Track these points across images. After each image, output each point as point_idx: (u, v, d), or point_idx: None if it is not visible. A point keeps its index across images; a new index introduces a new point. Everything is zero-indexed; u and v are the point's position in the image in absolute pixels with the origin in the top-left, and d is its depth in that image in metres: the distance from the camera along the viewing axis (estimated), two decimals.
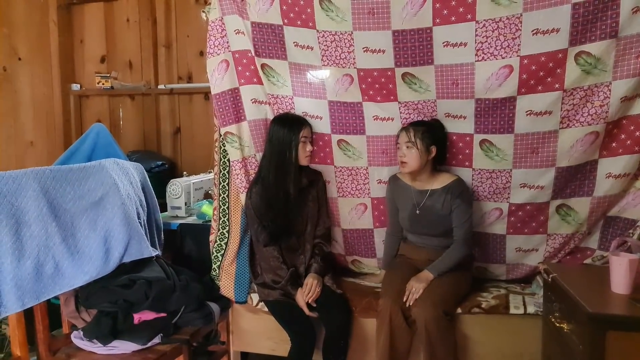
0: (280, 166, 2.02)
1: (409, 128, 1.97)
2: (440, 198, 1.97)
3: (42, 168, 1.81)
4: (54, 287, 1.75)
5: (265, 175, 2.06)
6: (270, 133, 2.08)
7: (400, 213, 2.08)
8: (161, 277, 1.98)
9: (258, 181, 2.08)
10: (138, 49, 3.44)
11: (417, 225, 2.05)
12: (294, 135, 2.02)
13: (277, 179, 2.03)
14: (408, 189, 2.05)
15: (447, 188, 1.97)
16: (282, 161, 2.02)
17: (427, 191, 2.00)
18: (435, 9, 1.82)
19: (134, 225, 2.00)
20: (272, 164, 2.04)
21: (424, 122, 1.99)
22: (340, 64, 2.00)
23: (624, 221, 1.94)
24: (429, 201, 1.99)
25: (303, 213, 2.11)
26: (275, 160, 2.03)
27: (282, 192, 2.03)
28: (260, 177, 2.07)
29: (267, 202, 2.03)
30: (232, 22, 2.08)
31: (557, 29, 1.72)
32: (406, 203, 2.05)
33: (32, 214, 1.73)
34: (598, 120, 1.80)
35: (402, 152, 1.97)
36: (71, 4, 3.56)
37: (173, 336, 1.92)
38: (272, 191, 2.03)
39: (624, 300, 1.46)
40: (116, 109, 3.55)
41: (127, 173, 2.13)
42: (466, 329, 1.93)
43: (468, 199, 1.99)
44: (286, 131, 2.03)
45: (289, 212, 2.05)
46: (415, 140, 1.93)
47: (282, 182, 2.03)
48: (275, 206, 2.03)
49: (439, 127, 1.99)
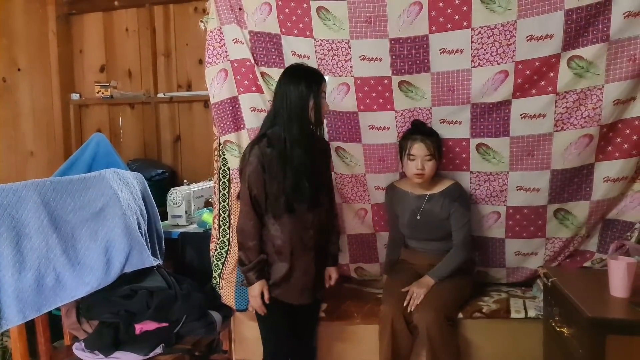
0: (299, 123, 1.69)
1: (425, 140, 1.92)
2: (439, 202, 1.98)
3: (42, 180, 1.82)
4: (55, 299, 1.76)
5: (277, 133, 1.70)
6: (281, 87, 1.73)
7: (400, 220, 2.09)
8: (163, 286, 1.98)
9: (262, 140, 1.72)
10: (137, 58, 3.46)
11: (418, 230, 2.05)
12: (314, 89, 1.69)
13: (296, 136, 1.68)
14: (406, 196, 2.05)
15: (445, 192, 1.98)
16: (300, 117, 1.69)
17: (426, 196, 2.01)
18: (432, 16, 1.84)
19: (135, 235, 2.01)
20: (288, 120, 1.68)
21: (430, 131, 1.98)
22: (337, 72, 2.01)
23: (622, 224, 1.94)
24: (428, 205, 2.00)
25: (320, 180, 1.81)
26: (293, 116, 1.68)
27: (302, 151, 1.68)
28: (267, 137, 1.72)
29: (283, 162, 1.68)
30: (230, 32, 2.09)
31: (550, 34, 1.74)
32: (405, 210, 2.06)
33: (32, 226, 1.74)
34: (591, 123, 1.82)
35: (419, 165, 1.93)
36: (70, 14, 3.58)
37: (175, 346, 1.93)
38: (289, 151, 1.68)
39: (623, 304, 1.46)
40: (116, 118, 3.56)
41: (128, 183, 2.14)
42: (468, 334, 1.93)
43: (466, 203, 2.00)
44: (304, 85, 1.69)
45: (310, 176, 1.71)
46: (434, 152, 1.94)
47: (303, 142, 1.68)
48: (296, 169, 1.68)
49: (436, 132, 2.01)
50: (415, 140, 1.95)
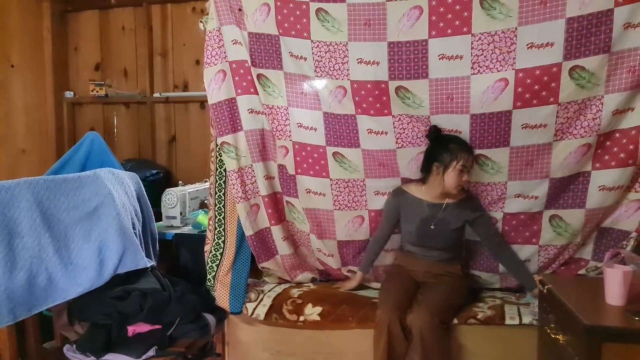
0: None
1: (472, 152, 1.94)
2: (455, 211, 1.99)
3: (35, 178, 1.80)
4: (46, 299, 1.73)
5: None
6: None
7: (406, 226, 2.07)
8: (156, 288, 1.96)
9: None
10: (133, 57, 3.44)
11: (426, 239, 2.04)
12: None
13: None
14: (420, 203, 2.02)
15: (464, 202, 1.99)
16: None
17: (442, 205, 2.00)
18: (432, 21, 1.84)
19: (129, 235, 1.98)
20: None
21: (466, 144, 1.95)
22: (334, 75, 2.00)
23: (617, 232, 1.95)
24: (444, 214, 1.99)
25: None
26: None
27: None
28: None
29: None
30: (229, 33, 2.08)
31: (551, 43, 1.74)
32: (415, 217, 2.03)
33: (25, 224, 1.72)
34: (591, 132, 1.83)
35: (465, 177, 1.93)
36: (66, 11, 3.55)
37: (168, 349, 1.90)
38: None
39: (619, 312, 1.46)
40: (111, 117, 3.53)
41: (123, 182, 2.12)
42: (462, 340, 1.93)
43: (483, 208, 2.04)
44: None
45: None
46: None
47: None
48: None
49: None
50: (469, 153, 1.92)
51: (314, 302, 2.09)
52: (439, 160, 1.93)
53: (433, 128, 1.97)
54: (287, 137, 2.11)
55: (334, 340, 2.05)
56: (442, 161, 1.92)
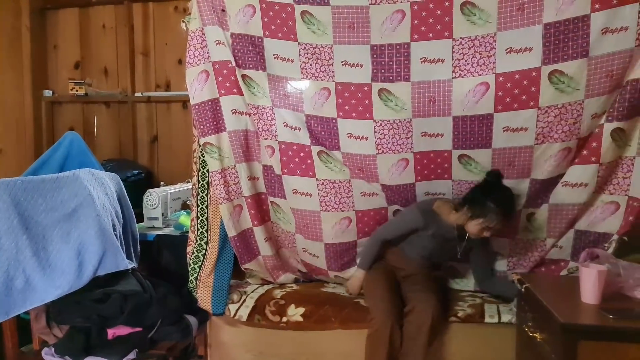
0: None
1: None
2: (476, 241, 1.99)
3: (12, 179, 1.77)
4: (24, 302, 1.70)
5: None
6: None
7: (421, 241, 2.04)
8: (137, 290, 1.94)
9: None
10: (114, 55, 3.39)
11: (438, 255, 2.11)
12: None
13: None
14: (450, 231, 1.99)
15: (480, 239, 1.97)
16: None
17: (465, 235, 1.97)
18: (414, 25, 1.86)
19: (109, 237, 1.96)
20: None
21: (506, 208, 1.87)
22: (319, 77, 2.01)
23: (594, 235, 1.99)
24: (469, 244, 2.02)
25: None
26: None
27: None
28: None
29: None
30: (212, 33, 2.07)
31: (529, 47, 1.78)
32: (439, 238, 2.02)
33: (1, 226, 1.69)
34: (571, 137, 1.87)
35: (486, 234, 1.88)
36: (45, 8, 3.49)
37: (149, 351, 1.88)
38: None
39: (594, 310, 1.50)
40: (91, 117, 3.48)
41: (103, 183, 2.09)
42: (442, 338, 1.95)
43: None
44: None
45: None
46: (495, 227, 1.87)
47: None
48: None
49: None
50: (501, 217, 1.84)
51: (297, 303, 2.09)
52: (470, 208, 1.88)
53: (496, 171, 1.90)
54: (273, 137, 2.11)
55: (317, 341, 2.05)
56: (472, 210, 1.87)
